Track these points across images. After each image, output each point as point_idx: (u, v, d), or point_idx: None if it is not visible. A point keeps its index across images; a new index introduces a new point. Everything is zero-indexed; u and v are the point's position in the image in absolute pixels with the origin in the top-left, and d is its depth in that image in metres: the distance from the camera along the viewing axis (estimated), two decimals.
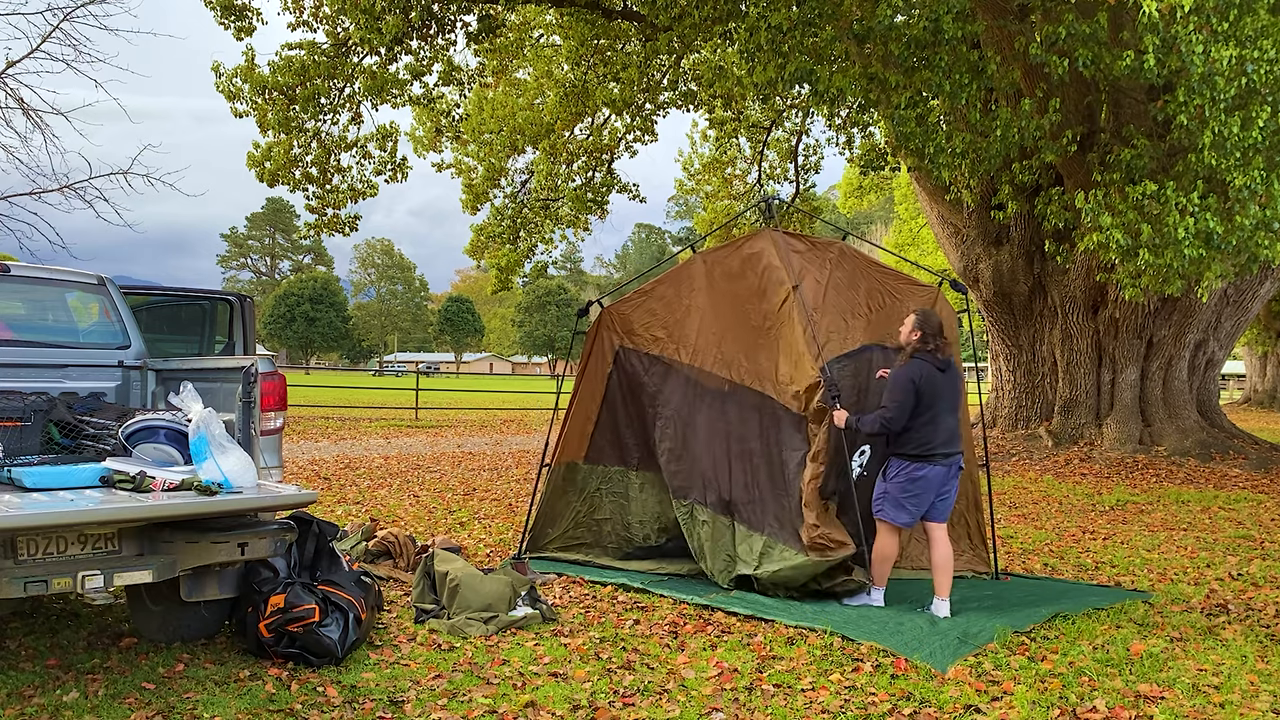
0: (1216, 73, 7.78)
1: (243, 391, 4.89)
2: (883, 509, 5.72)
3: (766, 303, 6.36)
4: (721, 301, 6.62)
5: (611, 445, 7.04)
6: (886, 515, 5.71)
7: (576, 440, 7.12)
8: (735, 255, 6.66)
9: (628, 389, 6.96)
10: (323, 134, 16.53)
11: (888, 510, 5.70)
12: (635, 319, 6.99)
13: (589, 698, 4.32)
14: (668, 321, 6.85)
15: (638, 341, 6.94)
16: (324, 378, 52.94)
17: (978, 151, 10.71)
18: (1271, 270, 14.44)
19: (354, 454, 15.17)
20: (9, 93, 13.85)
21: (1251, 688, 4.48)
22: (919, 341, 5.69)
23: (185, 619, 4.93)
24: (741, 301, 6.51)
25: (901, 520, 5.67)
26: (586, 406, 7.10)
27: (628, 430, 6.99)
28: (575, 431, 7.12)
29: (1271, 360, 34.74)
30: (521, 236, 21.09)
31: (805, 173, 23.27)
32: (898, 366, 5.74)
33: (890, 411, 5.58)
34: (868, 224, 63.48)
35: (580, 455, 7.11)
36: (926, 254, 39.41)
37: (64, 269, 6.04)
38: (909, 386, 5.57)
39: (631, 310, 7.04)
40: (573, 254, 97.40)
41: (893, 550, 5.80)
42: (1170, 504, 10.48)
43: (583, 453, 7.10)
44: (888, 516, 5.70)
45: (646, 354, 6.89)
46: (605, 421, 7.05)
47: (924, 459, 5.60)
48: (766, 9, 10.71)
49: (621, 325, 7.03)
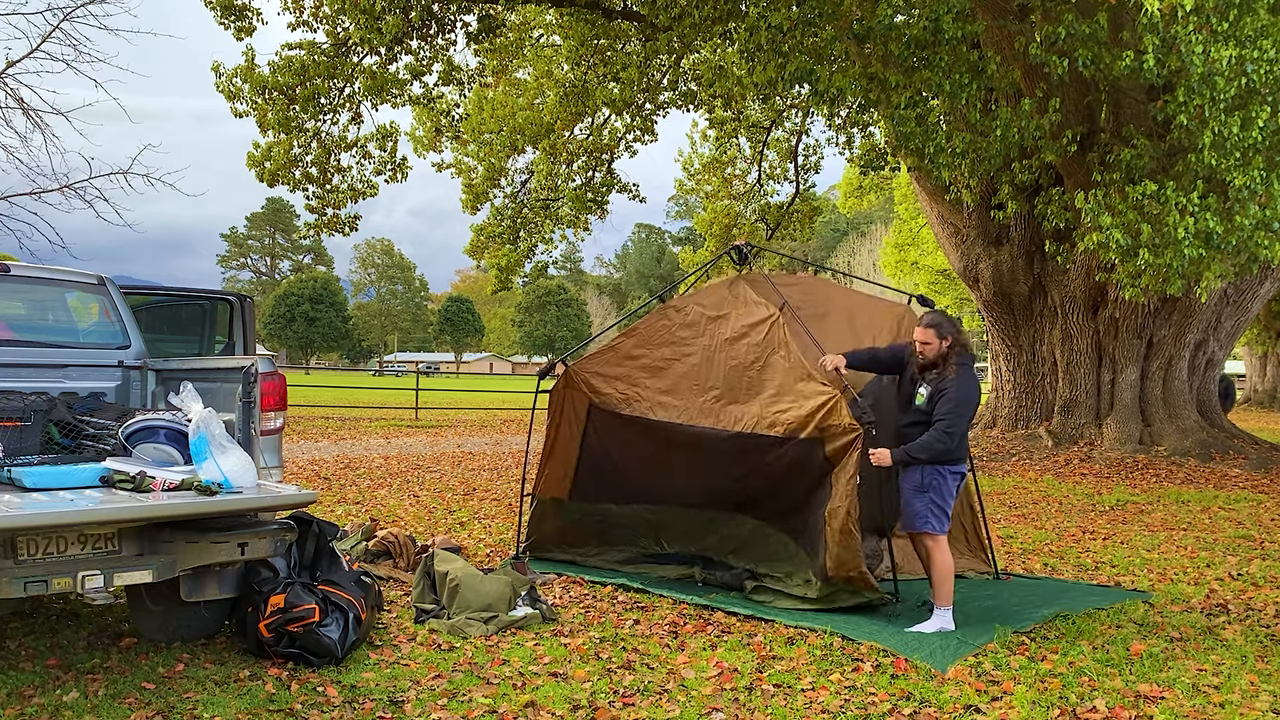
0: (1216, 73, 7.77)
1: (243, 391, 4.89)
2: (928, 522, 5.38)
3: (750, 336, 6.11)
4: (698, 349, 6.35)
5: (595, 485, 6.85)
6: (933, 528, 5.38)
7: (559, 479, 6.94)
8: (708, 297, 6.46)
9: (607, 443, 6.70)
10: (323, 134, 16.54)
11: (933, 523, 5.39)
12: (603, 378, 6.68)
13: (589, 698, 4.32)
14: (638, 378, 6.54)
15: (607, 401, 6.64)
16: (324, 378, 52.92)
17: (978, 151, 10.71)
18: (1271, 270, 14.44)
19: (354, 454, 15.17)
20: (9, 93, 13.86)
21: (1251, 688, 4.48)
22: (956, 350, 5.43)
23: (185, 619, 4.92)
24: (721, 344, 6.24)
25: (945, 528, 5.44)
26: (567, 450, 6.85)
27: (612, 475, 6.75)
28: (558, 471, 6.92)
29: (1271, 360, 34.75)
30: (521, 236, 21.10)
31: (805, 173, 23.30)
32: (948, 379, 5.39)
33: (955, 426, 5.28)
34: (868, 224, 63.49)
35: (564, 493, 6.97)
36: (926, 254, 39.43)
37: (64, 269, 6.04)
38: (972, 399, 5.37)
39: (599, 368, 6.74)
40: (573, 254, 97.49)
41: (951, 561, 5.49)
42: (1170, 504, 10.48)
43: (566, 490, 6.95)
44: (935, 528, 5.40)
45: (619, 414, 6.57)
46: (586, 467, 6.83)
47: (960, 460, 5.45)
48: (766, 9, 10.72)
49: (588, 386, 6.72)
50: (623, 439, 6.63)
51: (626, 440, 6.61)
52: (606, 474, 6.78)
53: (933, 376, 5.45)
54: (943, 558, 5.41)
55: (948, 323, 5.51)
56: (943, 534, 5.43)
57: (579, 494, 6.93)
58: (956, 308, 39.76)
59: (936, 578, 5.44)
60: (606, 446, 6.72)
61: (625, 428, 6.57)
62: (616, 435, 6.64)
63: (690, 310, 6.54)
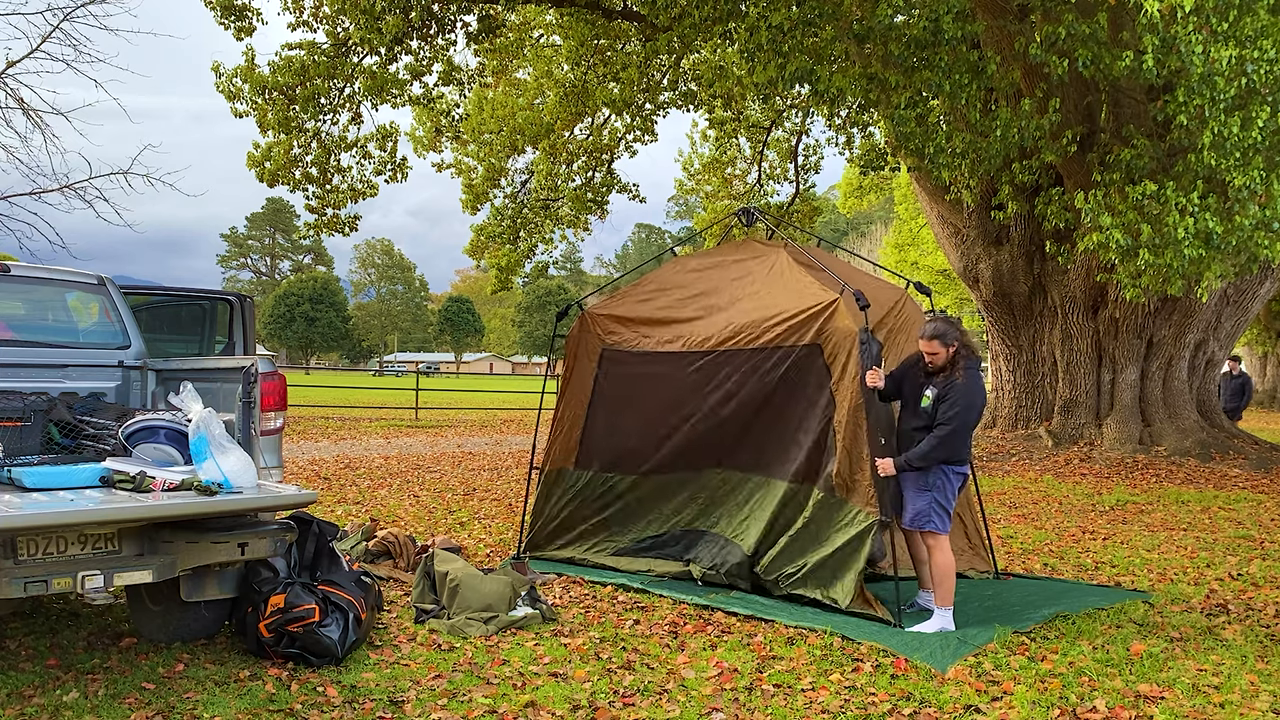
0: (1216, 73, 7.77)
1: (243, 391, 4.89)
2: (931, 521, 5.42)
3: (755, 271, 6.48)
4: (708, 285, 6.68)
5: (601, 449, 6.93)
6: (937, 527, 5.44)
7: (566, 445, 7.06)
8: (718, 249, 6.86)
9: (617, 389, 6.87)
10: (323, 134, 16.54)
11: (937, 522, 5.42)
12: (619, 318, 6.92)
13: (589, 698, 4.32)
14: (649, 314, 6.79)
15: (623, 340, 6.87)
16: (324, 378, 52.92)
17: (978, 151, 10.71)
18: (1271, 270, 14.45)
19: (354, 454, 15.17)
20: (9, 93, 13.86)
21: (1251, 688, 4.48)
22: (963, 354, 5.44)
23: (185, 619, 4.92)
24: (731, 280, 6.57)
25: (947, 528, 5.48)
26: (574, 410, 7.03)
27: (619, 432, 6.86)
28: (563, 436, 7.06)
29: (1271, 360, 34.76)
30: (521, 236, 21.09)
31: (805, 173, 23.29)
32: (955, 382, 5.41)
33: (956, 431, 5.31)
34: (868, 224, 63.48)
35: (570, 461, 7.04)
36: (926, 254, 39.40)
37: (64, 269, 6.04)
38: (976, 404, 5.41)
39: (615, 309, 6.97)
40: (573, 254, 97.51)
41: (953, 560, 5.51)
42: (1170, 504, 10.48)
43: (572, 459, 7.04)
44: (939, 527, 5.43)
45: (630, 352, 6.80)
46: (593, 426, 6.96)
47: (964, 461, 5.49)
48: (766, 9, 10.72)
49: (603, 327, 6.95)
50: (630, 386, 6.79)
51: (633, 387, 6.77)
52: (613, 434, 6.88)
53: (940, 380, 5.48)
54: (944, 557, 5.43)
55: (951, 330, 5.51)
56: (945, 533, 5.45)
57: (583, 461, 7.00)
58: (956, 308, 39.76)
59: (937, 577, 5.44)
60: (614, 398, 6.88)
61: (634, 368, 6.78)
62: (625, 381, 6.82)
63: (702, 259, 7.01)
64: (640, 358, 6.75)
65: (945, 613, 5.39)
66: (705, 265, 7.02)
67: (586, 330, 7.00)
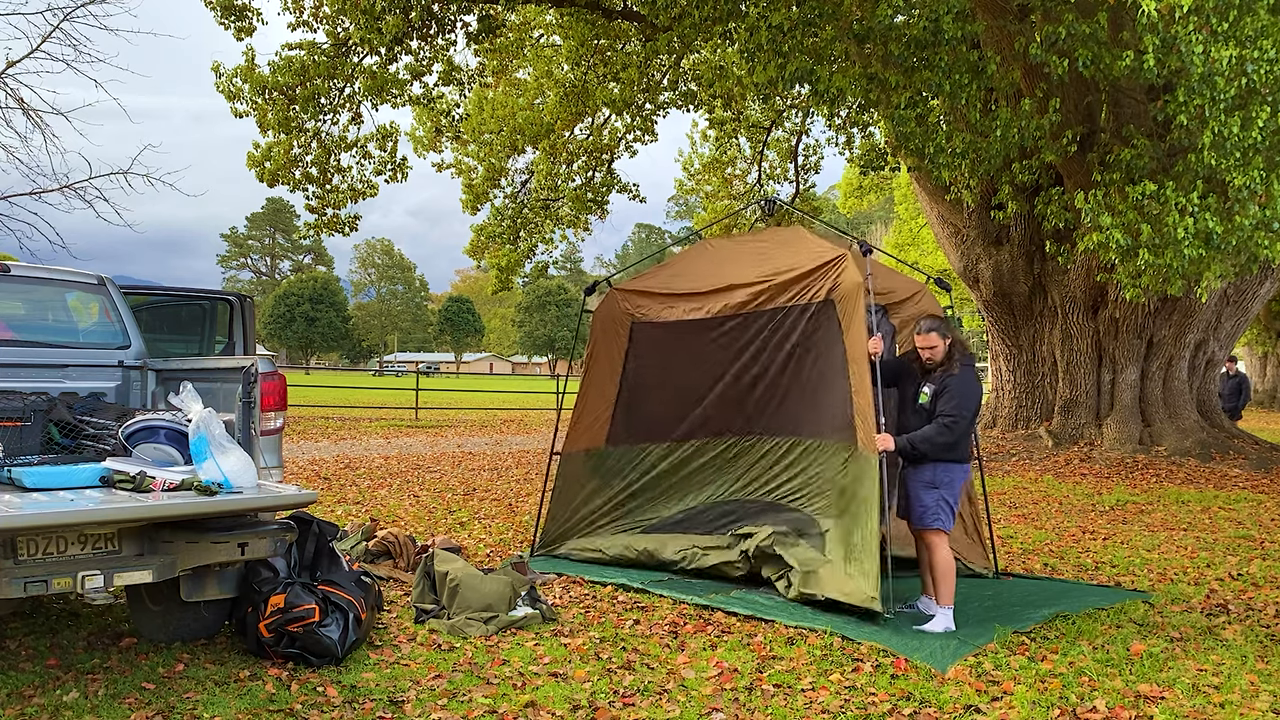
0: (1216, 73, 7.77)
1: (243, 391, 4.89)
2: (938, 519, 5.44)
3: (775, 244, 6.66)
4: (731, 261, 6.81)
5: (635, 424, 7.03)
6: (943, 524, 5.45)
7: (595, 426, 7.12)
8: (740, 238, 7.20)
9: (647, 361, 6.98)
10: (323, 134, 16.53)
11: (944, 520, 5.44)
12: (646, 293, 7.05)
13: (589, 698, 4.32)
14: (679, 290, 6.90)
15: (650, 313, 6.99)
16: (324, 378, 52.93)
17: (978, 151, 10.71)
18: (1271, 270, 14.44)
19: (354, 454, 15.17)
20: (9, 93, 13.86)
21: (1251, 688, 4.48)
22: (958, 348, 5.54)
23: (185, 619, 4.93)
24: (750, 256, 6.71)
25: (951, 526, 5.50)
26: (604, 389, 7.11)
27: (655, 404, 6.96)
28: (591, 418, 7.13)
29: (1271, 360, 34.76)
30: (521, 236, 21.09)
31: (805, 173, 23.30)
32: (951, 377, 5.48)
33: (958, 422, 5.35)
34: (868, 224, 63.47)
35: (601, 440, 7.11)
36: (926, 254, 39.37)
37: (64, 269, 6.04)
38: (974, 396, 5.48)
39: (641, 285, 7.13)
40: (573, 254, 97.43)
41: (953, 560, 5.53)
42: (1170, 504, 10.48)
43: (603, 437, 7.10)
44: (943, 525, 5.45)
45: (660, 322, 6.92)
46: (626, 401, 7.06)
47: (966, 460, 5.54)
48: (766, 9, 10.72)
49: (631, 302, 7.07)
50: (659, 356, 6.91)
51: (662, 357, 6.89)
52: (645, 405, 6.99)
53: (936, 376, 5.54)
54: (945, 556, 5.45)
55: (945, 324, 5.63)
56: (948, 531, 5.49)
57: (615, 438, 7.07)
58: (956, 307, 39.77)
59: (938, 575, 5.45)
60: (644, 369, 6.98)
61: (661, 338, 6.89)
62: (654, 353, 6.93)
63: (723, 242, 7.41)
64: (667, 328, 6.88)
65: (946, 612, 5.40)
66: (728, 247, 7.25)
67: (615, 305, 7.12)
